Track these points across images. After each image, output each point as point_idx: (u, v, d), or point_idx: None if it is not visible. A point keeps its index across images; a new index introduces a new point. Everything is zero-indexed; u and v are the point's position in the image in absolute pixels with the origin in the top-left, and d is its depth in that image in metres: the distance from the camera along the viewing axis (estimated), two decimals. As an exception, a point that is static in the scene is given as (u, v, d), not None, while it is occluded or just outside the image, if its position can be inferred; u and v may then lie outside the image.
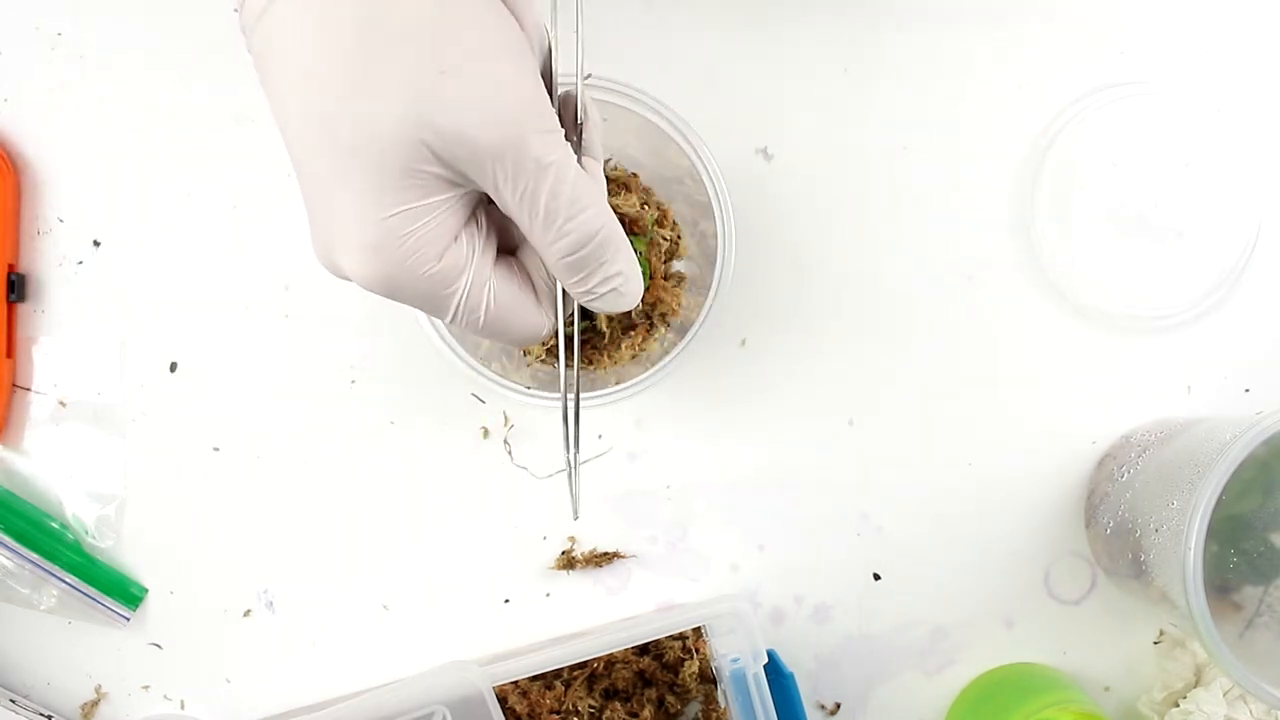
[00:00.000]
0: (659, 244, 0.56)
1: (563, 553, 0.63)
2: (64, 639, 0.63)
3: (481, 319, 0.41)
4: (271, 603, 0.63)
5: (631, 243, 0.55)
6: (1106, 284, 0.63)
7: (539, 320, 0.43)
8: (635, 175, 0.57)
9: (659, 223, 0.56)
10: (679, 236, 0.57)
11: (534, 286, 0.43)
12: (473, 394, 0.62)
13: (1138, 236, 0.63)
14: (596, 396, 0.53)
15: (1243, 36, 0.63)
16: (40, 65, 0.61)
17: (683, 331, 0.54)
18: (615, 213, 0.55)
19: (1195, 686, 0.62)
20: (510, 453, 0.63)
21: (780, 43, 0.61)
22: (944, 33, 0.62)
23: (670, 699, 0.62)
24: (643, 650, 0.63)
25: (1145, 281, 0.63)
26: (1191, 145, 0.63)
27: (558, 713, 0.61)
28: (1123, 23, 0.62)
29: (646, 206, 0.56)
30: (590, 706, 0.61)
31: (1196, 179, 0.63)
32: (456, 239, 0.40)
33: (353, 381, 0.62)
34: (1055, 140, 0.62)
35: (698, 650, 0.62)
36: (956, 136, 0.63)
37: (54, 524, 0.62)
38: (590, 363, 0.57)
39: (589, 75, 0.50)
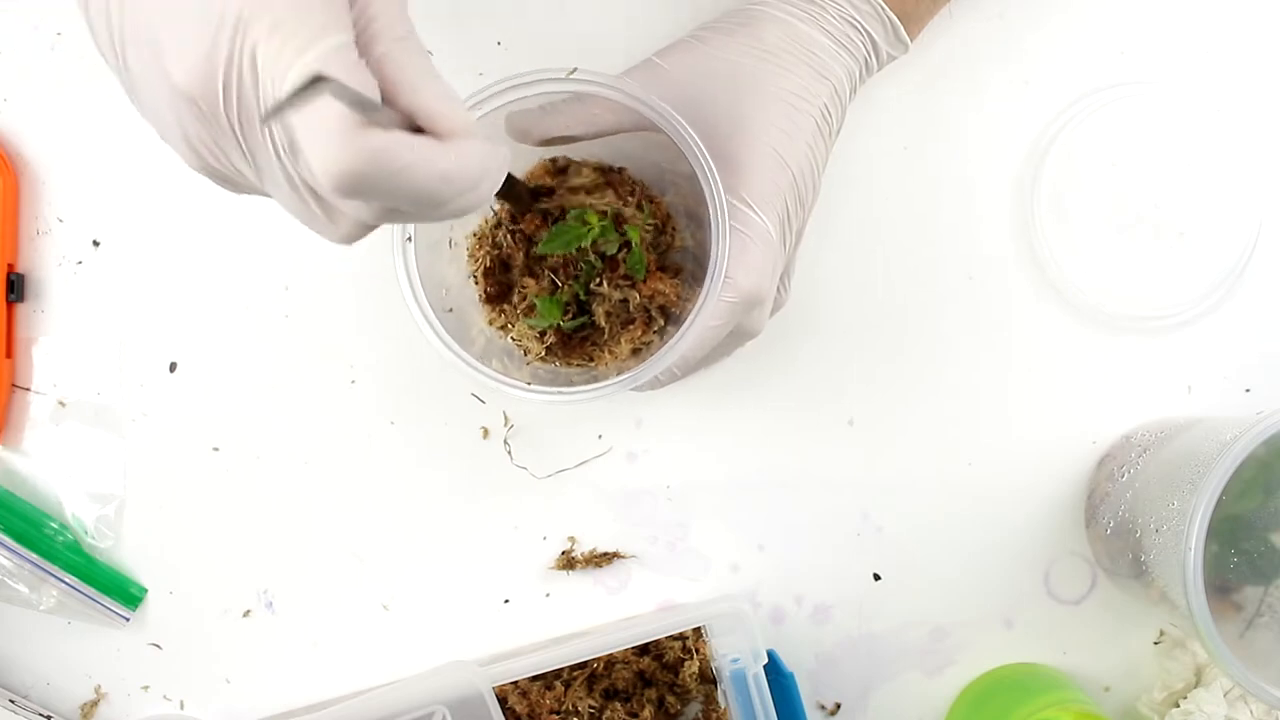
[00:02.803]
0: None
1: (563, 553, 0.63)
2: (64, 639, 0.63)
3: None
4: (271, 603, 0.63)
5: (627, 233, 0.55)
6: (1106, 284, 0.63)
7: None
8: (624, 170, 0.57)
9: (651, 215, 0.56)
10: (674, 229, 0.57)
11: None
12: (473, 394, 0.62)
13: (1137, 236, 0.63)
14: (601, 388, 0.52)
15: (1243, 36, 0.63)
16: (40, 65, 0.61)
17: (681, 324, 0.54)
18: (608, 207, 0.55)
19: (1195, 686, 0.62)
20: (510, 452, 0.63)
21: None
22: (943, 32, 0.62)
23: (670, 699, 0.62)
24: (643, 650, 0.62)
25: (1145, 281, 0.63)
26: (1191, 145, 0.63)
27: (558, 713, 0.61)
28: (1123, 23, 0.62)
29: (638, 200, 0.56)
30: (590, 706, 0.61)
31: (1196, 179, 0.63)
32: None
33: (353, 381, 0.62)
34: (1055, 140, 0.62)
35: (698, 650, 0.62)
36: (957, 136, 0.63)
37: (54, 524, 0.62)
38: (591, 359, 0.56)
39: (574, 70, 0.50)
